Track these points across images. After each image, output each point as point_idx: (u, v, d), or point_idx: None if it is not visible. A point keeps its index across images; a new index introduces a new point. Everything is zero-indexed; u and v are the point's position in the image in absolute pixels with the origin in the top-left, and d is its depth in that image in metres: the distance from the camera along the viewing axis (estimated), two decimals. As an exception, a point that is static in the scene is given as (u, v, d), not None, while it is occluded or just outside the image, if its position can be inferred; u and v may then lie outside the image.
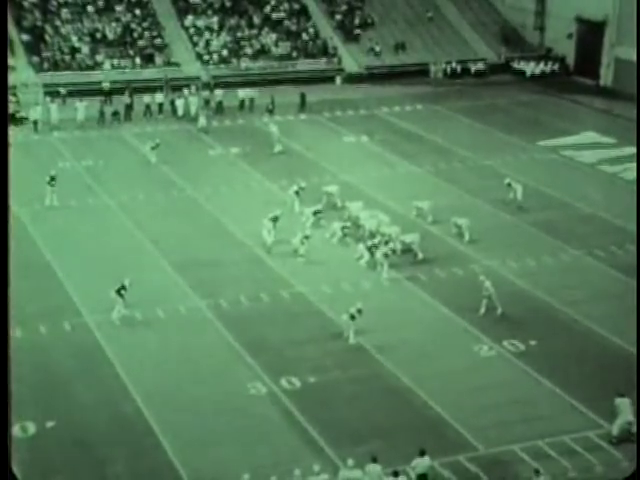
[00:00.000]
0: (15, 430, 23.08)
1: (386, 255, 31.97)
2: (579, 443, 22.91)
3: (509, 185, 38.12)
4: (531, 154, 45.52)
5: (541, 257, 33.87)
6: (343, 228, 34.56)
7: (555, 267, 33.25)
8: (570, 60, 61.60)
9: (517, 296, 30.97)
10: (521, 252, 34.15)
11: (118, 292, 28.74)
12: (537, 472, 20.71)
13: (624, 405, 22.92)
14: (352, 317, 27.52)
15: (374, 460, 20.68)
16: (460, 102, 54.92)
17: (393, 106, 53.85)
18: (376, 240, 32.96)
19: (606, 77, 57.64)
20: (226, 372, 26.30)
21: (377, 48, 60.62)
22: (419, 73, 59.64)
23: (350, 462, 20.65)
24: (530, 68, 60.83)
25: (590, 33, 59.36)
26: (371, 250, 32.38)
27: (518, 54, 62.56)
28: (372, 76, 58.94)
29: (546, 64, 61.24)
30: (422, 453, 21.19)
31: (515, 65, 61.56)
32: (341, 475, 20.61)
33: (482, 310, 29.27)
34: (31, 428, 23.38)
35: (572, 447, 22.81)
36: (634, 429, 22.85)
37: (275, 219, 34.09)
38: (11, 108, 48.87)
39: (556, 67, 61.33)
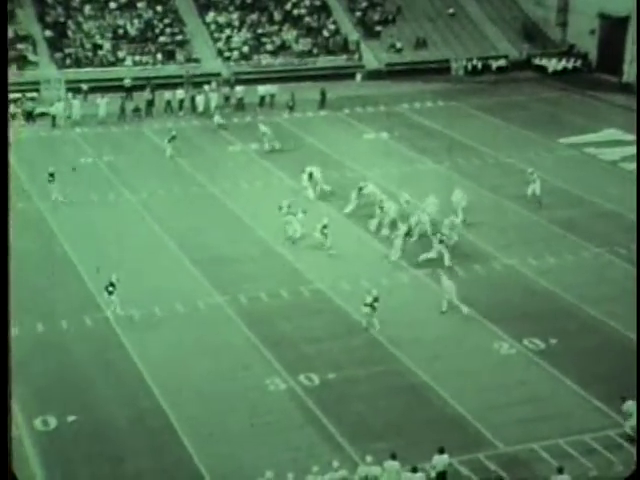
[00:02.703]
0: (37, 423, 23.36)
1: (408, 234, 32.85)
2: (600, 442, 22.80)
3: (532, 174, 37.92)
4: (552, 151, 45.32)
5: (562, 254, 33.73)
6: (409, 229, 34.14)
7: (576, 265, 33.11)
8: (592, 56, 61.20)
9: (537, 294, 30.89)
10: (542, 250, 34.03)
11: (109, 292, 28.68)
12: (560, 470, 20.59)
13: (632, 407, 22.83)
14: (372, 307, 27.67)
15: (393, 457, 20.67)
16: (481, 99, 54.74)
17: (413, 103, 53.75)
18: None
19: (629, 74, 57.20)
20: (245, 368, 26.34)
21: (398, 44, 60.49)
22: (440, 70, 59.42)
23: (369, 458, 20.65)
24: (552, 65, 60.49)
25: (613, 29, 58.98)
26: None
27: (540, 50, 62.22)
28: (392, 72, 58.79)
29: (568, 60, 60.89)
30: (441, 451, 21.16)
31: (537, 62, 61.22)
32: (359, 471, 20.62)
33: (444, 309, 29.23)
34: (52, 422, 23.52)
35: (593, 446, 22.70)
36: None
37: (304, 212, 34.33)
38: (30, 104, 49.38)
39: (578, 64, 60.94)
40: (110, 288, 28.70)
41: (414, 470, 20.36)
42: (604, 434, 23.12)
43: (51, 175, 38.30)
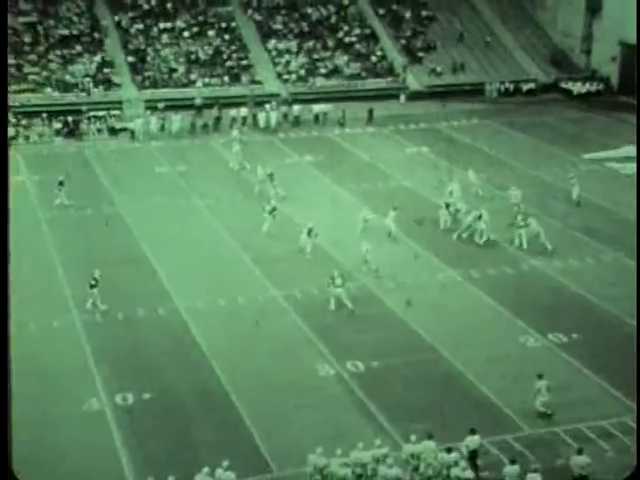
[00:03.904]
0: (117, 399, 23.67)
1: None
2: (616, 427, 22.45)
3: (572, 179, 38.48)
4: (576, 165, 44.70)
5: (583, 257, 33.29)
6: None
7: (597, 267, 32.64)
8: (614, 81, 60.37)
9: (561, 293, 30.52)
10: (565, 253, 33.61)
11: (90, 285, 28.61)
12: (580, 451, 20.34)
13: (543, 387, 22.78)
14: (343, 287, 28.70)
15: (430, 437, 20.51)
16: (512, 118, 54.22)
17: (451, 121, 53.44)
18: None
19: (646, 96, 56.33)
20: (298, 355, 26.37)
21: (438, 69, 60.21)
22: (475, 92, 58.96)
23: (413, 437, 20.49)
24: (577, 88, 59.73)
25: (632, 56, 58.02)
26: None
27: (566, 75, 61.48)
28: (433, 94, 58.48)
29: (592, 84, 60.09)
30: (473, 432, 20.99)
31: (563, 85, 60.46)
32: (406, 449, 20.47)
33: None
34: (130, 398, 23.79)
35: (610, 431, 22.37)
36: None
37: (395, 209, 34.80)
38: (114, 121, 50.09)
39: (601, 87, 60.09)
40: (92, 282, 28.60)
41: (449, 450, 20.23)
42: (621, 420, 22.77)
43: (60, 183, 38.35)
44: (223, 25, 61.08)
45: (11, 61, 54.48)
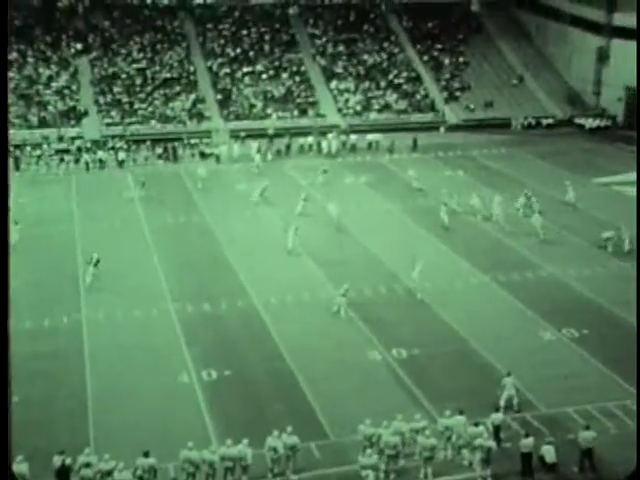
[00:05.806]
0: (203, 375, 23.94)
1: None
2: (619, 409, 22.06)
3: (569, 186, 39.38)
4: (587, 188, 43.79)
5: (594, 266, 32.61)
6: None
7: (605, 274, 31.95)
8: (620, 118, 59.25)
9: (575, 296, 29.97)
10: (578, 262, 32.97)
11: (95, 265, 29.69)
12: (587, 427, 19.99)
13: (509, 383, 22.14)
14: (344, 295, 27.98)
15: (461, 413, 20.37)
16: (534, 147, 53.38)
17: (482, 149, 52.82)
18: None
19: (648, 131, 54.95)
20: (351, 342, 26.35)
21: (472, 106, 59.63)
22: (503, 125, 58.19)
23: (448, 412, 20.36)
24: (588, 123, 58.57)
25: (635, 98, 56.84)
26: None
27: (579, 112, 60.32)
28: (467, 126, 57.95)
29: (601, 120, 58.89)
30: (497, 410, 20.83)
31: (577, 121, 59.41)
32: (440, 422, 20.39)
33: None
34: (214, 374, 24.08)
35: (613, 411, 21.96)
36: (515, 401, 22.03)
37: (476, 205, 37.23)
38: (204, 147, 50.67)
39: (609, 123, 58.92)
40: (97, 264, 29.69)
41: (476, 424, 20.03)
42: (622, 403, 22.35)
43: (143, 183, 41.47)
44: (294, 69, 61.47)
45: (125, 99, 55.72)
